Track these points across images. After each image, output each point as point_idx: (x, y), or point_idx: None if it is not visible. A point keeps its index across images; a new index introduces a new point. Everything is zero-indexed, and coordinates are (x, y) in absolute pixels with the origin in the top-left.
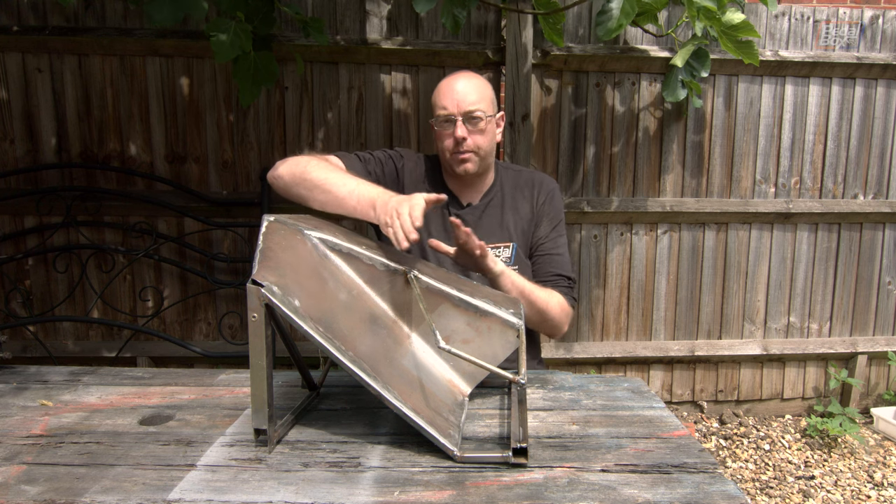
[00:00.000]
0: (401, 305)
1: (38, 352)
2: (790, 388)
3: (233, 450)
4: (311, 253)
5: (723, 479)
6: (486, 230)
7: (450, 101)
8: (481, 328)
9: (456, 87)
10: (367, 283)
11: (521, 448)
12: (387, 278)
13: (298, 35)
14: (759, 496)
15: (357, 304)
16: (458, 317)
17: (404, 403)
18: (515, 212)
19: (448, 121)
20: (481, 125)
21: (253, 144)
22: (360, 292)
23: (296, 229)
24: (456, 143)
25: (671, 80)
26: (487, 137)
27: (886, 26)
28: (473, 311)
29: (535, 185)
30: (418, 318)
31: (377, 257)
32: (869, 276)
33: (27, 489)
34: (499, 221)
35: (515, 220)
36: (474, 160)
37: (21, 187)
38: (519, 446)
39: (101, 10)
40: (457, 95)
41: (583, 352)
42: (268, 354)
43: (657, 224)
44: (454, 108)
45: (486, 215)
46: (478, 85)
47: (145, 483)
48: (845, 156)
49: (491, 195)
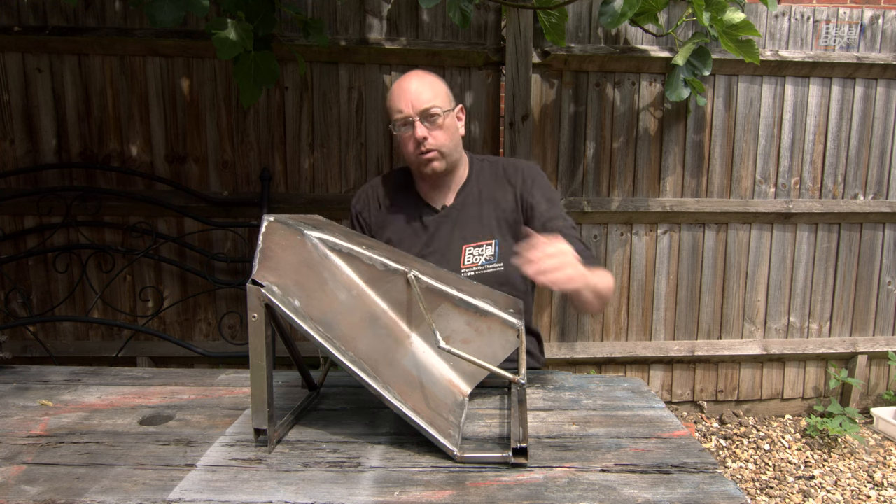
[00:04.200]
0: (400, 305)
1: (38, 352)
2: (790, 388)
3: (233, 450)
4: (311, 253)
5: (723, 479)
6: (464, 230)
7: (404, 103)
8: (481, 328)
9: (408, 87)
10: (367, 283)
11: (521, 448)
12: (387, 278)
13: (298, 35)
14: (759, 496)
15: (357, 305)
16: (458, 317)
17: (404, 403)
18: (496, 204)
19: (406, 123)
20: (440, 122)
21: (253, 144)
22: (360, 292)
23: (296, 229)
24: (417, 144)
25: (674, 79)
26: (448, 133)
27: (886, 26)
28: (473, 312)
29: (517, 172)
30: (418, 318)
31: (377, 257)
32: (869, 276)
33: (27, 489)
34: (477, 218)
35: (497, 213)
36: (439, 158)
37: (21, 187)
38: (519, 446)
39: (101, 10)
40: (410, 96)
41: (583, 352)
42: (268, 354)
43: (657, 224)
44: (409, 109)
45: (463, 215)
46: (430, 82)
47: (145, 483)
48: (845, 156)
49: (465, 192)
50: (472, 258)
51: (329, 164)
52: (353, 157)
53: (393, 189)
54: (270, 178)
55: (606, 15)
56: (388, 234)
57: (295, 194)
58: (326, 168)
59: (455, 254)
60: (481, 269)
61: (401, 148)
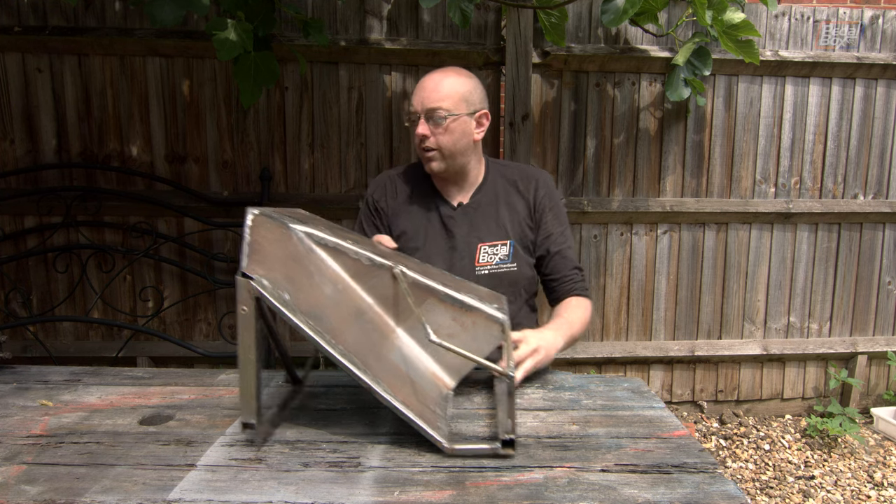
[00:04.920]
0: (386, 300)
1: (38, 352)
2: (790, 388)
3: (233, 450)
4: (297, 247)
5: (723, 479)
6: (481, 229)
7: (416, 99)
8: (466, 323)
9: (425, 84)
10: (352, 277)
11: (510, 440)
12: (373, 273)
13: (298, 35)
14: (759, 496)
15: (343, 299)
16: (444, 312)
17: (394, 397)
18: (511, 208)
19: (414, 118)
20: (445, 124)
21: (253, 144)
22: (347, 287)
23: (281, 223)
24: (420, 140)
25: (674, 79)
26: (452, 136)
27: (886, 26)
28: (459, 307)
29: (530, 180)
30: (404, 312)
31: (363, 252)
32: (869, 276)
33: (27, 489)
34: (494, 219)
35: (511, 216)
36: (438, 158)
37: (21, 187)
38: (507, 437)
39: (101, 10)
40: (423, 93)
41: (583, 352)
42: (258, 348)
43: (657, 224)
44: (419, 105)
45: (480, 213)
46: (451, 83)
47: (145, 483)
48: (845, 156)
49: (482, 193)
50: (487, 257)
51: (329, 164)
52: (353, 157)
53: (411, 180)
54: (270, 178)
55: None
56: (403, 223)
57: (295, 194)
58: (326, 168)
59: (471, 251)
60: (495, 269)
61: None
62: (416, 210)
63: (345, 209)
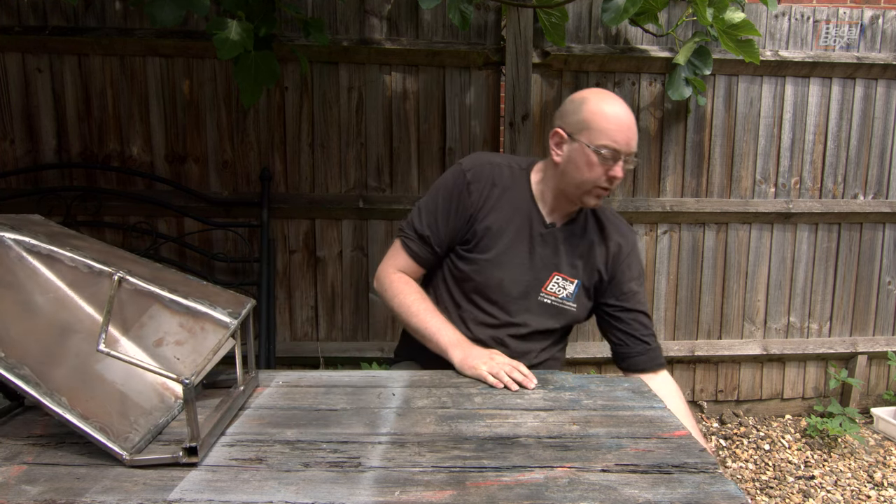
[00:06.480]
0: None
1: None
2: (790, 388)
3: (233, 450)
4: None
5: (723, 479)
6: (562, 258)
7: (622, 137)
8: (195, 329)
9: (630, 123)
10: (70, 286)
11: (192, 447)
12: (93, 281)
13: (299, 35)
14: (759, 496)
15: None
16: (171, 318)
17: (70, 410)
18: (590, 251)
19: (615, 157)
20: (630, 167)
21: (253, 144)
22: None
23: None
24: (609, 180)
25: (675, 79)
26: None
27: (886, 26)
28: (185, 312)
29: (620, 236)
30: (131, 319)
31: (81, 259)
32: (869, 276)
33: (28, 489)
34: (575, 254)
35: (587, 259)
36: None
37: (21, 187)
38: (189, 445)
39: (101, 10)
40: (630, 133)
41: (583, 351)
42: None
43: (657, 224)
44: (626, 146)
45: (567, 243)
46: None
47: (146, 483)
48: (845, 156)
49: (575, 224)
50: (557, 287)
51: (329, 164)
52: (353, 157)
53: (511, 178)
54: (270, 178)
55: (609, 11)
56: (492, 219)
57: (295, 194)
58: (326, 168)
59: (545, 274)
60: (558, 302)
61: (579, 167)
62: (509, 210)
63: (345, 209)
